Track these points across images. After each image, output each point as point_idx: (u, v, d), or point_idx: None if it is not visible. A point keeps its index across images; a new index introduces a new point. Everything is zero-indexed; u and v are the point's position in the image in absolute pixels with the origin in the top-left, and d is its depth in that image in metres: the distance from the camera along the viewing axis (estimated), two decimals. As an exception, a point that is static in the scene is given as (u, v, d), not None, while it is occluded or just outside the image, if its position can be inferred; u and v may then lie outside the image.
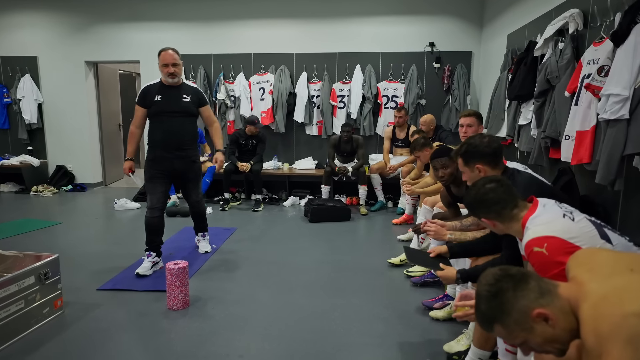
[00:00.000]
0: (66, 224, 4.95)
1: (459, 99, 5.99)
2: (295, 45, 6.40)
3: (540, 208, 1.61)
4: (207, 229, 4.04)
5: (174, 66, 3.43)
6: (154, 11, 6.56)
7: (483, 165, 2.09)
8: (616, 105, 2.43)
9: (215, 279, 3.39)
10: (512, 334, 1.19)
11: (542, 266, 1.46)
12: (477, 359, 2.02)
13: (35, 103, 6.81)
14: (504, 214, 1.67)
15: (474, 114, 3.35)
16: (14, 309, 2.44)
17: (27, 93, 6.74)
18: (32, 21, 6.81)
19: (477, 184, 1.77)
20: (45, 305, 2.67)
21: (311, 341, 2.48)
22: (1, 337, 2.36)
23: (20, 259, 2.81)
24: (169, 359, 2.29)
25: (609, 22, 2.78)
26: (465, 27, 6.12)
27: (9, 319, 2.40)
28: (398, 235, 4.50)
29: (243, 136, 5.77)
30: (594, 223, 1.55)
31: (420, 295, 3.07)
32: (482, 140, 2.11)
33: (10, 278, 2.43)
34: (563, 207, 1.63)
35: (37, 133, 7.03)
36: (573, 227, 1.49)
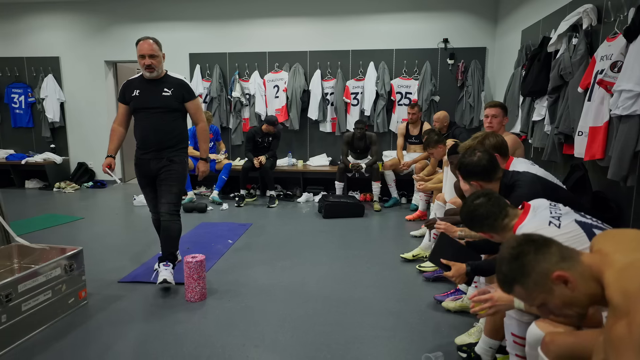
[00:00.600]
0: (88, 219, 5.10)
1: (473, 95, 5.99)
2: (309, 43, 6.48)
3: (530, 215, 1.69)
4: (176, 258, 3.26)
5: (152, 57, 3.02)
6: (171, 11, 6.69)
7: (476, 182, 2.17)
8: (628, 101, 2.44)
9: (231, 273, 3.47)
10: (531, 295, 1.22)
11: None
12: (488, 347, 2.08)
13: (57, 102, 7.03)
14: (495, 225, 1.77)
15: (499, 104, 3.34)
16: (42, 299, 2.56)
17: (50, 93, 6.96)
18: (55, 23, 7.02)
19: (466, 202, 1.87)
20: (71, 296, 2.78)
21: (324, 333, 2.54)
22: (31, 325, 2.48)
23: (47, 252, 2.93)
24: (187, 348, 2.38)
25: (623, 17, 2.78)
26: (480, 23, 6.11)
27: (37, 308, 2.51)
28: (411, 231, 4.53)
29: (259, 133, 5.86)
30: (583, 225, 1.59)
31: (432, 290, 3.11)
32: (472, 158, 2.16)
33: (38, 269, 2.55)
34: (554, 211, 1.68)
35: (59, 131, 7.26)
36: (557, 233, 1.53)
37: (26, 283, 2.44)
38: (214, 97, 6.58)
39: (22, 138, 7.32)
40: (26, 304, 2.44)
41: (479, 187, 2.15)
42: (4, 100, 7.17)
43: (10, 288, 2.34)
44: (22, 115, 7.18)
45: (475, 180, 2.18)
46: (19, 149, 7.29)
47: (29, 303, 2.45)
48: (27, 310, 2.45)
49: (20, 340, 2.40)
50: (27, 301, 2.44)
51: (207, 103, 6.66)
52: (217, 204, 5.79)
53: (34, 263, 2.91)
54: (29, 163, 6.86)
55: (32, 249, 2.96)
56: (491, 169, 2.16)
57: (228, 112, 6.69)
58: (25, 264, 3.00)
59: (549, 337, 1.43)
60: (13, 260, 3.02)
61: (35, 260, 2.95)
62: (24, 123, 7.20)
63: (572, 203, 1.89)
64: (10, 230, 2.99)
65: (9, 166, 6.90)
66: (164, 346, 2.41)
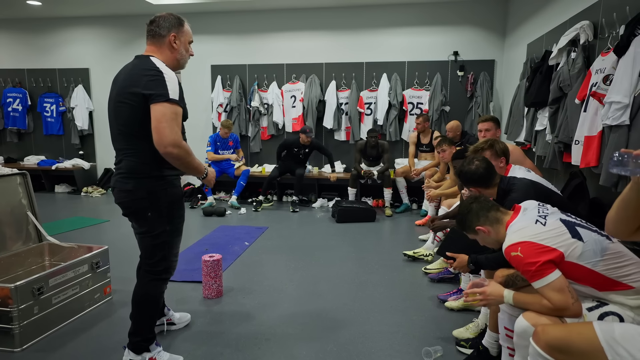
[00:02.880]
0: (113, 222, 5.37)
1: (482, 105, 6.14)
2: (325, 55, 6.73)
3: (520, 215, 1.86)
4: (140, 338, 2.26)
5: None
6: (194, 25, 6.75)
7: (475, 189, 2.37)
8: (618, 112, 2.59)
9: (246, 273, 3.67)
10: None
11: (520, 266, 1.71)
12: (493, 341, 2.25)
13: (86, 111, 7.42)
14: (489, 216, 1.93)
15: (490, 119, 3.57)
16: (71, 293, 2.78)
17: (79, 102, 7.36)
18: (85, 37, 7.44)
19: (460, 206, 2.09)
20: (96, 291, 3.01)
21: (332, 328, 2.72)
22: (61, 316, 2.71)
23: (75, 250, 3.17)
24: (204, 339, 2.58)
25: (615, 33, 2.93)
26: (489, 37, 6.28)
27: (66, 301, 2.74)
28: (420, 235, 4.71)
29: (296, 144, 6.10)
30: (567, 223, 1.75)
31: (436, 290, 3.28)
32: (470, 167, 2.35)
33: (67, 265, 2.79)
34: (541, 210, 1.84)
35: (87, 138, 7.64)
36: (542, 230, 1.71)
37: (56, 278, 2.68)
38: (233, 106, 6.85)
39: (53, 145, 7.73)
40: (56, 297, 2.67)
41: (478, 193, 2.34)
42: (37, 109, 7.59)
43: (42, 282, 2.57)
44: (53, 123, 7.58)
45: (474, 187, 2.38)
46: (50, 155, 7.69)
47: (58, 296, 2.68)
48: (57, 303, 2.67)
49: (50, 330, 2.62)
50: (57, 295, 2.67)
51: (228, 112, 6.94)
52: (235, 209, 6.04)
53: (63, 260, 3.13)
54: (59, 168, 7.23)
55: (62, 248, 3.20)
56: (488, 177, 2.34)
57: (247, 121, 6.97)
58: (55, 261, 3.26)
59: (541, 327, 1.58)
60: (45, 258, 3.27)
61: (64, 257, 3.18)
62: (55, 131, 7.60)
63: (565, 207, 2.03)
64: (42, 229, 3.23)
65: (40, 171, 7.27)
66: (182, 338, 2.60)
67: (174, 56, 2.17)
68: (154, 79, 1.98)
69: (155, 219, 2.14)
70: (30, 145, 7.81)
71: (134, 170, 2.07)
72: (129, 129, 2.05)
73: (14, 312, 2.40)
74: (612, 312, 1.65)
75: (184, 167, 2.08)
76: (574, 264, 1.69)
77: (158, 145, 1.95)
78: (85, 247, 3.16)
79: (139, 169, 2.07)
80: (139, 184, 2.08)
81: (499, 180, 2.38)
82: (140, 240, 2.25)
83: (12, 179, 3.17)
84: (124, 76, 2.09)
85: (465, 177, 2.38)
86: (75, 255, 3.05)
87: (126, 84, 2.04)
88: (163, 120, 1.93)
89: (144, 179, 2.08)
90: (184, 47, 2.20)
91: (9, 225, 3.11)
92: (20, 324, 2.42)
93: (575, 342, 1.52)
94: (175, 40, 2.14)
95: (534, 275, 1.66)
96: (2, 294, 2.39)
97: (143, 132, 1.99)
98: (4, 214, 3.07)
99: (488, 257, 2.25)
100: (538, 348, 1.57)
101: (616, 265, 1.68)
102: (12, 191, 3.16)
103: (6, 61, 7.66)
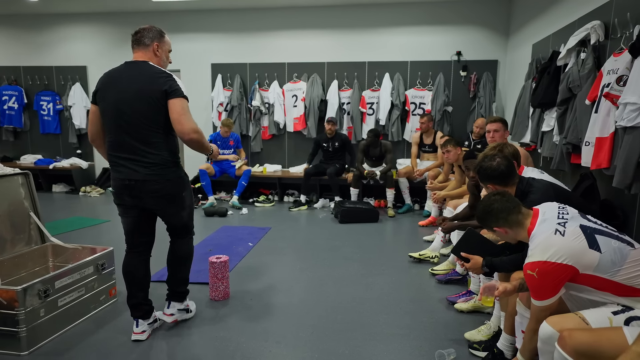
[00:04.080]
0: (114, 222, 5.28)
1: (485, 106, 6.13)
2: (327, 54, 6.69)
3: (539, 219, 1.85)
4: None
5: None
6: (195, 23, 6.96)
7: (494, 186, 2.32)
8: (633, 113, 2.56)
9: (252, 274, 3.64)
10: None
11: (532, 287, 1.77)
12: (509, 344, 2.24)
13: (84, 109, 7.30)
14: (510, 219, 1.92)
15: (499, 120, 3.54)
16: (76, 295, 2.73)
17: (77, 100, 7.26)
18: (82, 34, 7.35)
19: (483, 200, 2.05)
20: (102, 293, 2.96)
21: (342, 331, 2.68)
22: (67, 319, 2.66)
23: (79, 251, 3.12)
24: (213, 342, 2.55)
25: (629, 34, 2.91)
26: (492, 37, 6.26)
27: (72, 303, 2.70)
28: (424, 236, 4.69)
29: (324, 138, 6.12)
30: (586, 230, 1.73)
31: (444, 292, 3.26)
32: (492, 164, 2.30)
33: (73, 267, 2.73)
34: (561, 214, 1.82)
35: (85, 137, 7.49)
36: (561, 245, 1.71)
37: (62, 280, 2.63)
38: (234, 105, 6.80)
39: (49, 144, 7.63)
40: (62, 300, 2.62)
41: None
42: (34, 107, 7.49)
43: (48, 284, 2.52)
44: (50, 121, 7.49)
45: (492, 184, 2.31)
46: (47, 154, 7.59)
47: (64, 299, 2.63)
48: (63, 306, 2.62)
49: (57, 333, 2.58)
50: (63, 297, 2.62)
51: (228, 111, 6.89)
52: (237, 209, 6.00)
53: (67, 262, 3.10)
54: (56, 168, 7.14)
55: (65, 249, 3.14)
56: (508, 175, 2.30)
57: (248, 121, 6.91)
58: (58, 262, 3.21)
59: (567, 332, 1.57)
60: (48, 259, 3.22)
61: (68, 259, 3.14)
62: (52, 129, 7.51)
63: (583, 209, 2.00)
64: (45, 230, 3.18)
65: (37, 171, 7.15)
66: (191, 341, 2.56)
67: (159, 62, 2.48)
68: (169, 78, 2.35)
69: (187, 195, 2.60)
70: (27, 144, 7.71)
71: (165, 162, 2.41)
72: (153, 124, 2.35)
73: (20, 315, 2.35)
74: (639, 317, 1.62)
75: (200, 148, 2.47)
76: (590, 275, 1.69)
77: (181, 134, 2.33)
78: (90, 248, 3.12)
79: (166, 160, 2.41)
80: (175, 172, 2.47)
81: (518, 180, 2.35)
82: (176, 219, 2.60)
83: (14, 179, 3.11)
84: (137, 79, 2.35)
85: (485, 173, 2.32)
86: (80, 257, 3.01)
87: (145, 82, 2.33)
88: (182, 112, 2.32)
89: (175, 168, 2.48)
90: (165, 55, 2.53)
91: (12, 226, 3.05)
92: (26, 327, 2.37)
93: (605, 347, 1.49)
94: (157, 49, 2.48)
95: (538, 296, 1.76)
96: (8, 296, 2.34)
97: (163, 126, 2.37)
98: (6, 214, 3.02)
99: (503, 259, 2.23)
100: (564, 353, 1.55)
101: (638, 273, 1.66)
102: (14, 191, 3.11)
103: (2, 58, 7.55)
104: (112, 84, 2.37)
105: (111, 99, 2.35)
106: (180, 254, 2.71)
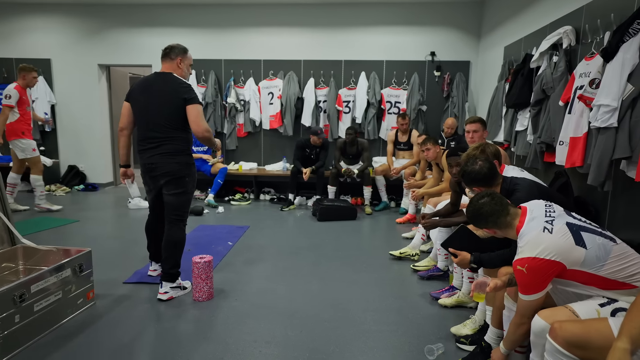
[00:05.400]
0: (83, 222, 5.13)
1: (458, 105, 6.30)
2: (303, 52, 6.68)
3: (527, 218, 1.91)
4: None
5: None
6: (167, 17, 6.80)
7: (479, 188, 2.38)
8: (606, 114, 2.70)
9: (234, 273, 3.59)
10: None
11: (521, 282, 1.82)
12: (496, 337, 2.30)
13: (48, 104, 7.01)
14: (499, 222, 1.98)
15: (478, 120, 3.64)
16: (53, 299, 2.59)
17: (40, 95, 6.93)
18: (46, 25, 7.03)
19: (472, 201, 2.08)
20: (80, 297, 2.83)
21: (331, 329, 2.70)
22: (43, 325, 2.53)
23: (53, 253, 2.97)
24: (201, 344, 2.49)
25: (599, 39, 3.05)
26: (464, 38, 6.43)
27: (49, 308, 2.56)
28: (402, 233, 4.77)
29: (308, 145, 6.06)
30: (572, 227, 1.81)
31: (427, 288, 3.33)
32: (474, 168, 2.37)
33: (50, 270, 2.59)
34: (548, 213, 1.90)
35: (49, 134, 7.24)
36: (549, 242, 1.77)
37: (38, 284, 2.48)
38: (209, 102, 6.69)
39: (10, 140, 7.25)
40: (38, 305, 2.47)
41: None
42: (-7, 102, 7.10)
43: (24, 289, 2.37)
44: (11, 117, 7.11)
45: (477, 187, 2.39)
46: (6, 151, 7.18)
47: (40, 303, 2.49)
48: (39, 311, 2.48)
49: (32, 340, 2.44)
50: (39, 301, 2.48)
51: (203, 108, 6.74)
52: (212, 207, 5.92)
53: (38, 264, 2.94)
54: (18, 165, 6.79)
55: (37, 250, 2.98)
56: (491, 176, 2.37)
57: (223, 118, 6.82)
58: (30, 265, 3.03)
59: (557, 324, 1.63)
60: (18, 262, 3.05)
61: (39, 261, 2.98)
62: (13, 125, 7.14)
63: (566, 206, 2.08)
64: (15, 231, 3.01)
65: (-4, 168, 6.82)
66: (178, 343, 2.50)
67: (181, 73, 3.08)
68: (188, 88, 2.97)
69: (190, 182, 3.10)
70: (-16, 139, 7.30)
71: (178, 150, 3.01)
72: (174, 122, 2.96)
73: (-7, 321, 2.21)
74: (624, 308, 1.71)
75: (209, 143, 3.11)
76: (577, 271, 1.76)
77: (198, 133, 2.94)
78: (64, 250, 2.97)
79: (181, 149, 3.02)
80: (183, 159, 3.03)
81: (502, 180, 2.43)
82: (175, 199, 3.06)
83: (-23, 177, 2.93)
84: (162, 87, 2.97)
85: (469, 177, 2.39)
86: (53, 259, 2.89)
87: (169, 91, 2.95)
88: (199, 116, 2.94)
89: (185, 156, 3.06)
90: (186, 67, 3.15)
91: (-22, 227, 2.88)
92: (0, 335, 2.24)
93: (593, 337, 1.57)
94: (180, 63, 3.08)
95: (526, 290, 1.81)
96: (-20, 302, 2.20)
97: (181, 125, 2.97)
98: (-28, 215, 2.85)
99: (491, 255, 2.30)
100: (556, 344, 1.61)
101: (620, 267, 1.75)
102: (-20, 190, 2.94)
103: (-42, 49, 7.12)
104: (144, 89, 2.99)
105: (142, 101, 2.99)
106: (173, 239, 3.08)
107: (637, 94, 2.52)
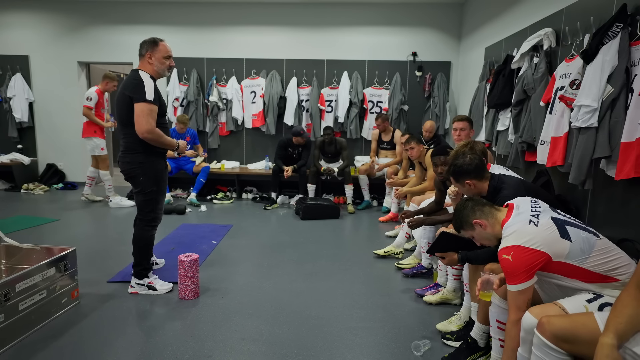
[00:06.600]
0: (63, 221, 5.03)
1: (439, 105, 6.38)
2: (286, 51, 6.67)
3: (514, 212, 1.94)
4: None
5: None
6: (148, 15, 6.70)
7: (471, 180, 2.40)
8: (587, 115, 2.77)
9: (219, 272, 3.57)
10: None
11: (508, 270, 1.82)
12: (482, 332, 2.34)
13: (26, 102, 6.84)
14: (485, 210, 2.02)
15: (465, 118, 3.71)
16: (38, 298, 2.57)
17: (18, 92, 6.77)
18: (24, 21, 6.85)
19: (456, 207, 2.15)
20: (64, 296, 2.80)
21: (318, 326, 2.71)
22: (27, 324, 2.50)
23: (36, 252, 2.93)
24: (189, 343, 2.48)
25: (579, 41, 3.14)
26: (445, 39, 6.53)
27: (33, 307, 2.53)
28: (385, 231, 4.81)
29: (290, 145, 6.01)
30: (557, 222, 1.85)
31: (412, 285, 3.37)
32: (464, 160, 2.39)
33: (35, 268, 2.56)
34: (534, 208, 1.93)
35: (27, 132, 7.06)
36: (534, 233, 1.81)
37: (23, 282, 2.45)
38: (191, 100, 6.63)
39: (-15, 138, 7.05)
40: (23, 304, 2.45)
41: (472, 187, 2.39)
42: (-33, 99, 6.89)
43: (9, 287, 2.35)
44: (-14, 114, 6.91)
45: (469, 179, 2.39)
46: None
47: (25, 302, 2.47)
48: (24, 310, 2.46)
49: (17, 339, 2.42)
50: (23, 300, 2.45)
51: (184, 107, 6.71)
52: (195, 206, 5.86)
53: (20, 263, 2.91)
54: (-6, 163, 6.62)
55: (19, 249, 2.95)
56: (482, 168, 2.40)
57: (205, 116, 6.76)
58: (11, 264, 2.99)
59: (545, 318, 1.65)
60: (0, 261, 3.01)
61: (21, 260, 2.94)
62: (-11, 122, 6.94)
63: (551, 204, 2.12)
64: (-2, 230, 2.99)
65: (-29, 167, 6.63)
66: (165, 341, 2.48)
67: (152, 68, 2.98)
68: (137, 85, 2.85)
69: (145, 181, 3.00)
70: (-41, 137, 7.09)
71: (129, 148, 2.96)
72: (125, 119, 2.91)
73: (-22, 321, 2.17)
74: (610, 303, 1.76)
75: (160, 145, 2.98)
76: (562, 263, 1.80)
77: (137, 132, 2.85)
78: (47, 249, 2.94)
79: (132, 147, 2.95)
80: (133, 158, 2.97)
81: (490, 176, 2.46)
82: (136, 198, 3.07)
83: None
84: (123, 82, 2.96)
85: (460, 170, 2.39)
86: (36, 258, 2.84)
87: (123, 87, 2.91)
88: (141, 115, 2.82)
89: (136, 154, 2.96)
90: (159, 61, 2.99)
91: (-43, 226, 2.81)
92: (-15, 334, 2.20)
93: (580, 331, 1.61)
94: (150, 58, 2.97)
95: (513, 280, 1.80)
96: (-35, 302, 2.15)
97: (132, 122, 2.86)
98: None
99: (477, 252, 2.34)
100: (544, 338, 1.64)
101: (603, 261, 1.80)
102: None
103: None
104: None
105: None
106: (134, 238, 3.13)
107: (616, 95, 2.59)
